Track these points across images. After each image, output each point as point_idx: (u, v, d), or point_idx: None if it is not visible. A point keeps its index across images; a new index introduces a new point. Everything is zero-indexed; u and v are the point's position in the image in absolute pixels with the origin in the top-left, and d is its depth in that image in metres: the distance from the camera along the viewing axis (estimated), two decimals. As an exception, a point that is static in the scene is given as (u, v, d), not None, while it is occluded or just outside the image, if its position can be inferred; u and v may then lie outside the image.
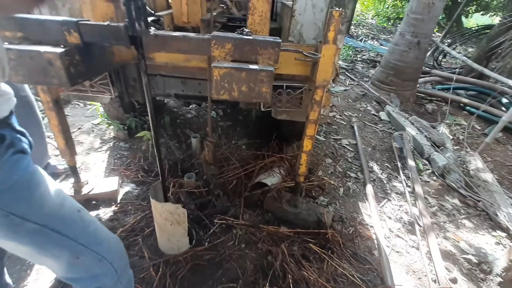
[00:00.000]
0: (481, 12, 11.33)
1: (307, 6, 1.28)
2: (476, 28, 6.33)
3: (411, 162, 2.58)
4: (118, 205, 1.84)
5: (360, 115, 3.59)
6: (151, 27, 1.04)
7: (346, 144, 2.89)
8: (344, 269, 1.54)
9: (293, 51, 1.17)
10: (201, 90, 1.61)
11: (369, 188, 2.22)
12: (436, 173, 2.57)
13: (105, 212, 1.79)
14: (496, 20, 10.64)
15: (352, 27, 9.12)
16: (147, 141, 2.40)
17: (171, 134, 2.65)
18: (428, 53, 6.01)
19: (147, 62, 1.44)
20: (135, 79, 1.57)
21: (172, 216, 1.38)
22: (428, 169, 2.64)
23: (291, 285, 1.37)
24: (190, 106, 3.19)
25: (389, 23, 11.04)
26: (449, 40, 6.46)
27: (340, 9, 1.19)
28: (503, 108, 3.87)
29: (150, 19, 1.43)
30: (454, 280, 1.61)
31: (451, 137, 3.24)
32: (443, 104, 4.35)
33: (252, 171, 2.18)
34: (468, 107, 4.11)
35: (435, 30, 6.55)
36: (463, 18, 11.08)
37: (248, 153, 2.44)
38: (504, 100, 3.91)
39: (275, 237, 1.69)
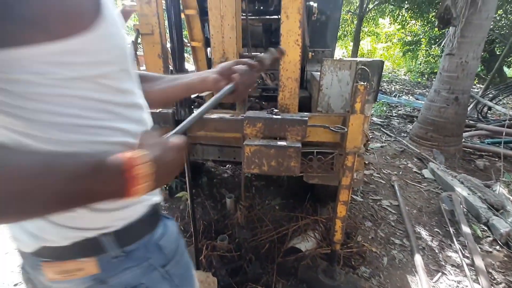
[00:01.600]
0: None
1: (333, 81, 1.39)
2: (522, 78, 6.03)
3: (466, 229, 2.29)
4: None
5: (400, 173, 3.41)
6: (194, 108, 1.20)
7: (387, 206, 2.70)
8: None
9: (320, 127, 1.24)
10: (236, 156, 1.72)
11: (419, 259, 1.98)
12: (499, 242, 2.23)
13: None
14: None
15: (384, 83, 9.28)
16: (185, 201, 2.51)
17: (207, 193, 2.75)
18: (471, 106, 5.76)
19: (189, 134, 1.63)
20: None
21: (203, 285, 1.37)
22: (488, 236, 2.31)
23: None
24: (227, 166, 3.34)
25: (423, 78, 11.03)
26: (493, 92, 6.18)
27: (365, 83, 1.27)
28: None
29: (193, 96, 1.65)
30: None
31: (511, 198, 2.87)
32: (496, 159, 3.97)
33: (285, 234, 2.12)
34: (527, 163, 3.69)
35: (475, 82, 6.37)
36: (505, 69, 10.68)
37: (281, 214, 2.40)
38: None
39: (311, 314, 1.54)
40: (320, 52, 2.86)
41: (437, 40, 9.67)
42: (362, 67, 1.32)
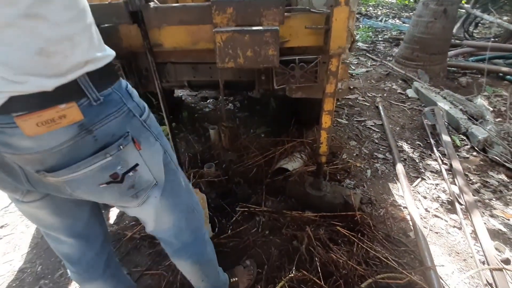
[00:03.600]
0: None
1: (315, -30, 1.19)
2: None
3: (446, 138, 2.36)
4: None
5: (385, 95, 3.38)
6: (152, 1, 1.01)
7: (371, 125, 2.72)
8: (376, 251, 1.43)
9: (300, 10, 1.07)
10: (212, 74, 1.57)
11: (400, 167, 2.06)
12: (476, 148, 2.33)
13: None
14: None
15: (370, 8, 8.69)
16: (167, 136, 2.42)
17: (189, 128, 2.66)
18: (458, 25, 5.53)
19: (155, 49, 1.44)
20: (147, 69, 1.57)
21: (191, 202, 1.36)
22: (467, 145, 2.40)
23: (319, 268, 1.30)
24: (208, 101, 3.19)
25: (411, 0, 10.37)
26: (479, 10, 5.89)
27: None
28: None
29: None
30: (506, 261, 1.43)
31: (491, 109, 2.93)
32: (479, 76, 3.97)
33: (272, 157, 2.12)
34: (508, 76, 3.71)
35: (463, 1, 6.01)
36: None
37: (267, 140, 2.38)
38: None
39: (299, 222, 1.61)
40: None
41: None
42: None
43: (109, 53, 0.64)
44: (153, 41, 1.38)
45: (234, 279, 1.27)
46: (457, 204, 1.78)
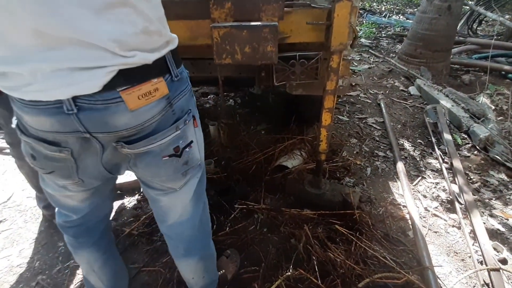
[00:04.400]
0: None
1: (316, -37, 1.16)
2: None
3: (447, 136, 2.34)
4: (141, 194, 1.86)
5: (387, 92, 3.35)
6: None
7: (373, 123, 2.70)
8: (374, 250, 1.42)
9: (301, 6, 1.05)
10: (211, 70, 1.56)
11: (400, 166, 2.05)
12: (477, 147, 2.31)
13: (129, 201, 1.82)
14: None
15: (374, 3, 8.59)
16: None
17: (189, 124, 2.64)
18: (461, 22, 5.46)
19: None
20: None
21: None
22: (468, 143, 2.38)
23: (316, 267, 1.29)
24: (209, 97, 3.17)
25: (416, -4, 10.23)
26: (482, 8, 5.80)
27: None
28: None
29: None
30: (504, 261, 1.43)
31: (493, 107, 2.91)
32: (482, 74, 3.93)
33: (272, 155, 2.11)
34: (510, 75, 3.67)
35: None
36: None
37: (267, 137, 2.36)
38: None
39: (298, 220, 1.61)
40: None
41: None
42: None
43: (176, 36, 0.69)
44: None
45: (221, 271, 1.28)
46: (456, 204, 1.77)
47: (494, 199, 1.86)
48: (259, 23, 0.76)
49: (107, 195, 0.93)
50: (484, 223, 1.63)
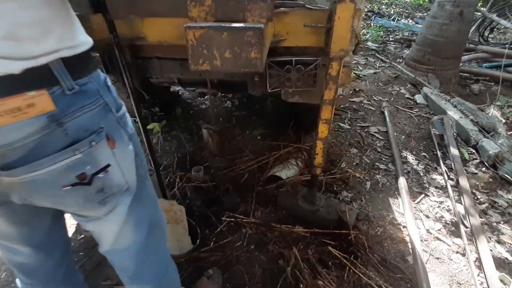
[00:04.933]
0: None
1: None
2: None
3: (454, 151, 2.20)
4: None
5: (392, 99, 3.20)
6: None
7: (375, 132, 2.56)
8: (370, 278, 1.30)
9: (294, 6, 0.93)
10: (201, 72, 1.43)
11: (402, 181, 1.91)
12: (485, 163, 2.17)
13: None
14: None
15: (383, 6, 8.40)
16: (157, 134, 2.29)
17: (183, 126, 2.53)
18: (472, 29, 5.28)
19: (138, 42, 1.29)
20: (129, 64, 1.43)
21: (168, 214, 1.24)
22: (476, 159, 2.24)
23: (304, 296, 1.17)
24: (205, 97, 3.05)
25: (425, 0, 10.01)
26: (495, 14, 5.61)
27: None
28: None
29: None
30: (512, 296, 1.30)
31: (504, 120, 2.75)
32: (492, 84, 3.77)
33: (266, 163, 1.98)
34: (524, 86, 3.51)
35: (479, 4, 5.72)
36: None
37: (263, 143, 2.24)
38: None
39: (288, 238, 1.49)
40: None
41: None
42: None
43: (88, 40, 0.58)
44: (135, 33, 1.23)
45: None
46: (461, 227, 1.64)
47: (502, 222, 1.73)
48: (241, 24, 0.64)
49: (48, 229, 0.78)
50: (491, 250, 1.50)
